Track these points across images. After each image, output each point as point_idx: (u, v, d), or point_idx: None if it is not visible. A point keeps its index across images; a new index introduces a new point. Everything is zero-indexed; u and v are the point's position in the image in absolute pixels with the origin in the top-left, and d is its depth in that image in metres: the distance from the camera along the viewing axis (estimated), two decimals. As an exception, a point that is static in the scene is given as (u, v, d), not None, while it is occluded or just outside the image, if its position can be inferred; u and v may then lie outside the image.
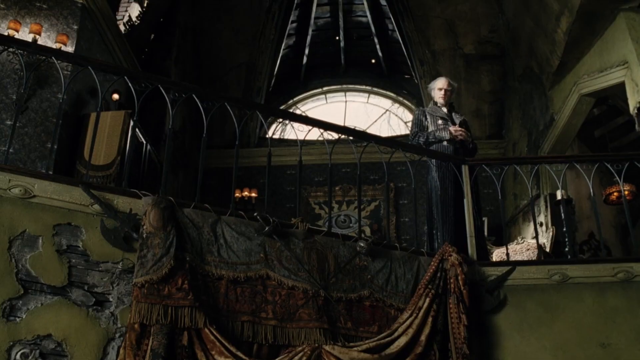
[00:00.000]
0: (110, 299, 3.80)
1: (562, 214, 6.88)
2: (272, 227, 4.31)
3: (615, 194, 9.42)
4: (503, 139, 11.51)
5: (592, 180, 5.02)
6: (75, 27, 7.11)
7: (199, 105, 4.65)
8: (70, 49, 6.88)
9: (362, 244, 4.53)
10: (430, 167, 5.75)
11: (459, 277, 4.44)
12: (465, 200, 5.16)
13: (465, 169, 5.34)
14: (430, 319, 4.27)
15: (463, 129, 5.89)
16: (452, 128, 5.84)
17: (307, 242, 4.41)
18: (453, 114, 6.13)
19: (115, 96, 7.70)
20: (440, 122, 5.95)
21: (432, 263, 4.59)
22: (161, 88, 4.58)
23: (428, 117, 6.02)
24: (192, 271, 3.86)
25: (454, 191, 5.54)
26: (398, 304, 4.39)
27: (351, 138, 5.18)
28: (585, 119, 8.66)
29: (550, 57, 8.49)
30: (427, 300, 4.34)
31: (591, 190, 5.18)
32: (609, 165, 5.16)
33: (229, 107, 4.80)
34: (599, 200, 9.96)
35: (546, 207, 8.79)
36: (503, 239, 5.63)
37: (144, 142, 7.76)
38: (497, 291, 4.61)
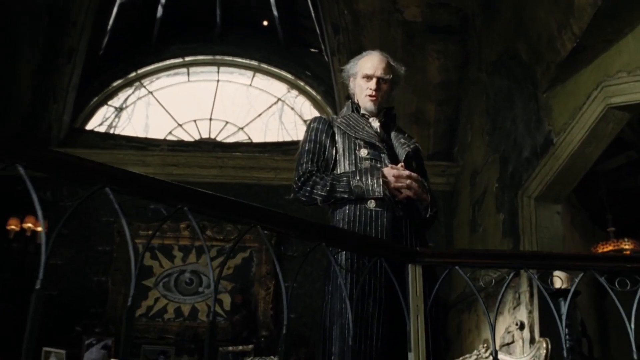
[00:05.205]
0: None
1: (561, 317, 4.98)
2: None
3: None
4: (455, 162, 9.49)
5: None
6: None
7: None
8: None
9: None
10: (330, 268, 2.96)
11: None
12: (410, 357, 2.52)
13: (414, 273, 2.67)
14: None
15: (415, 175, 3.12)
16: (389, 171, 3.09)
17: None
18: (393, 133, 3.42)
19: None
20: (364, 152, 3.25)
21: None
22: None
23: (339, 138, 3.30)
24: None
25: (386, 330, 2.87)
26: None
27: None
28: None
29: (558, 34, 6.16)
30: None
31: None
32: None
33: None
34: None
35: (530, 295, 6.34)
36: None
37: None
38: None
